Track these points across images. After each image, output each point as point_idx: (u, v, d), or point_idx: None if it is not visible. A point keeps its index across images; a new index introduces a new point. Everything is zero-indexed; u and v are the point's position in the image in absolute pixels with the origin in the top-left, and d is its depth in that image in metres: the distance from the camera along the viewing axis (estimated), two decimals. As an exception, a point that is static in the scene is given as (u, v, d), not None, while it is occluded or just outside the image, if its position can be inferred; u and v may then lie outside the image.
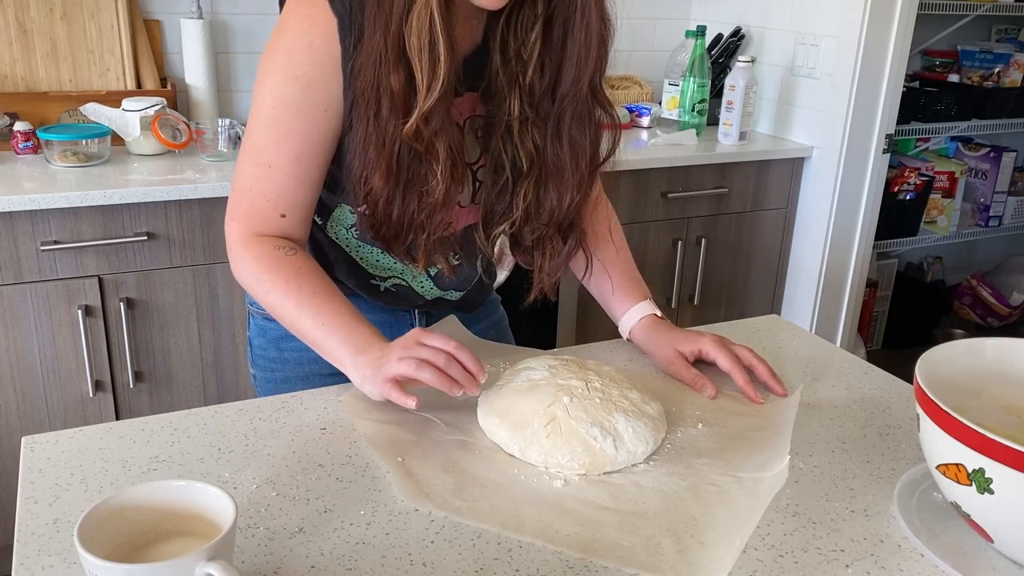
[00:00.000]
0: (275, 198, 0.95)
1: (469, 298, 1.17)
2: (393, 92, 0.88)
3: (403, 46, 0.86)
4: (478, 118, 0.99)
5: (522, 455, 0.85)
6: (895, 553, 0.74)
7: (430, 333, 0.89)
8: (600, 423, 0.85)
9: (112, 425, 0.89)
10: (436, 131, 0.89)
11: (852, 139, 2.48)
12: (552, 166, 0.98)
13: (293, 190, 0.95)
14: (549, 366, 0.93)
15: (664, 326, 1.08)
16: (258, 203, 0.96)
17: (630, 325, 1.10)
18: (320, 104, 0.92)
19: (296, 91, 0.91)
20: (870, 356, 3.01)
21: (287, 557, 0.71)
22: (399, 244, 0.98)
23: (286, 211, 0.96)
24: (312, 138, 0.93)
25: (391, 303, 1.12)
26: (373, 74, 0.88)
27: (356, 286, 1.10)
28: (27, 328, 1.82)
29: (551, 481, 0.82)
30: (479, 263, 1.12)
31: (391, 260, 1.06)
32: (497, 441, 0.87)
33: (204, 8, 2.29)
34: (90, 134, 1.97)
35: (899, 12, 2.37)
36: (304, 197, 0.97)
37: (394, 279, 1.09)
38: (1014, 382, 0.82)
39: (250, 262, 0.96)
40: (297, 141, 0.93)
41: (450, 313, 1.15)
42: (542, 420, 0.85)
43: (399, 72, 0.87)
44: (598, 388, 0.90)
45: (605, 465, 0.84)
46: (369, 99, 0.89)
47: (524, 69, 0.94)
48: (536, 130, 0.97)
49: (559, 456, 0.83)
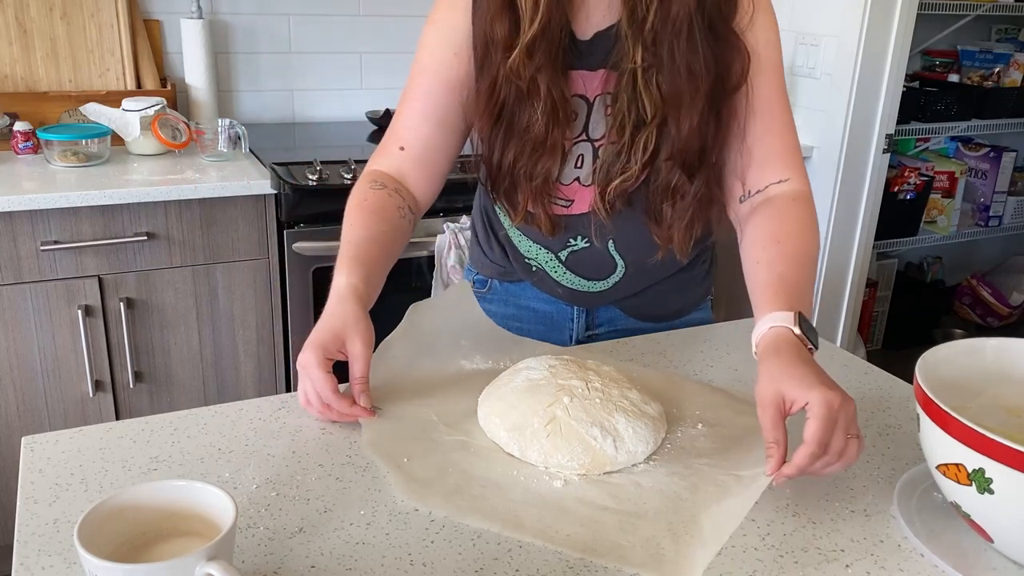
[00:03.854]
0: (399, 130, 1.03)
1: (624, 297, 1.15)
2: (498, 38, 0.94)
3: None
4: (608, 95, 1.00)
5: (522, 455, 0.85)
6: (895, 553, 0.74)
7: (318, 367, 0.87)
8: (600, 423, 0.85)
9: (112, 425, 0.89)
10: (539, 67, 0.94)
11: (852, 139, 2.47)
12: (671, 97, 0.95)
13: (416, 123, 1.02)
14: (549, 366, 0.92)
15: (789, 351, 0.83)
16: (388, 138, 1.04)
17: (758, 335, 0.87)
18: (451, 47, 0.99)
19: (432, 33, 1.01)
20: (870, 356, 3.01)
21: (287, 557, 0.71)
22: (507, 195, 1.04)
23: (405, 144, 1.02)
24: (440, 77, 1.00)
25: (541, 286, 1.18)
26: (485, 21, 0.95)
27: (515, 260, 1.17)
28: (27, 328, 1.82)
29: (551, 481, 0.82)
30: (611, 246, 1.09)
31: (529, 243, 1.12)
32: (497, 441, 0.87)
33: (204, 8, 2.29)
34: (90, 134, 1.97)
35: (899, 12, 2.36)
36: (425, 132, 1.02)
37: (534, 261, 1.14)
38: (1014, 382, 0.82)
39: (352, 192, 1.02)
40: (427, 78, 1.01)
41: (615, 315, 1.18)
42: (542, 420, 0.85)
43: (504, 20, 0.94)
44: (598, 388, 0.89)
45: (605, 465, 0.83)
46: (479, 47, 0.97)
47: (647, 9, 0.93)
48: (659, 74, 0.95)
49: (559, 456, 0.83)
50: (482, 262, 1.23)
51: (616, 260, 1.10)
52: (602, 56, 0.98)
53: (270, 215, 1.95)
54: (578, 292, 1.14)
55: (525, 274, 1.17)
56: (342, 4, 2.49)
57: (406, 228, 1.01)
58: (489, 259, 1.21)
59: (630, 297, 1.16)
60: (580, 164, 1.03)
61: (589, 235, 1.08)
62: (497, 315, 1.21)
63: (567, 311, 1.19)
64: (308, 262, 1.97)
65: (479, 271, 1.25)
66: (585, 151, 1.03)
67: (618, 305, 1.18)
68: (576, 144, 1.02)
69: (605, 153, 1.01)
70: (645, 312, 1.19)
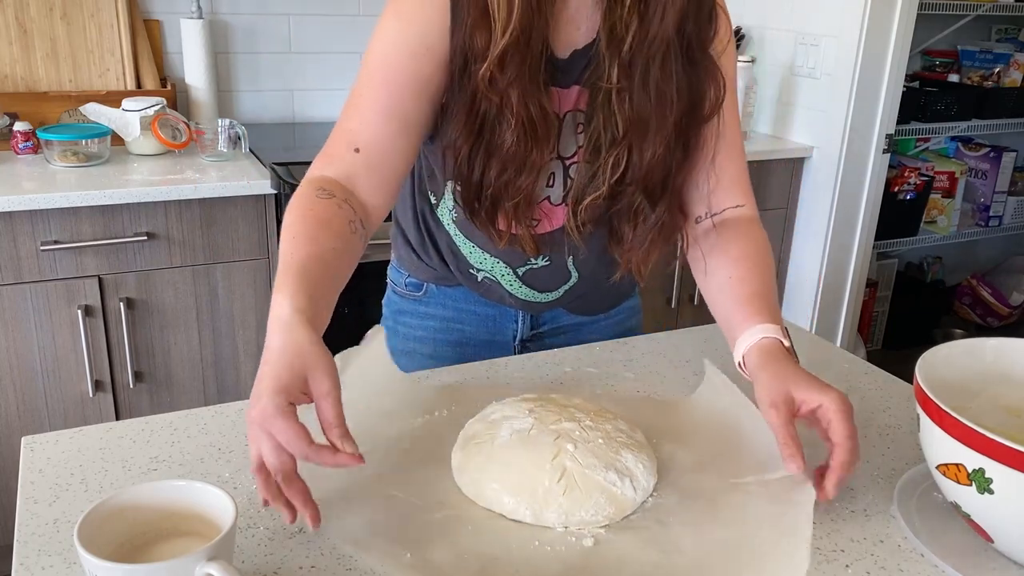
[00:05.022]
0: (354, 130, 0.91)
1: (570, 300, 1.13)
2: (477, 49, 0.87)
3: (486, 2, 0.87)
4: (579, 112, 0.97)
5: (536, 519, 0.74)
6: (895, 553, 0.74)
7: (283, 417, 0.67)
8: (613, 465, 0.77)
9: (112, 425, 0.89)
10: (511, 81, 0.87)
11: (852, 139, 2.47)
12: (638, 119, 0.92)
13: (374, 122, 0.90)
14: (529, 411, 0.82)
15: (787, 359, 0.86)
16: (337, 138, 0.92)
17: (747, 345, 0.88)
18: (422, 40, 0.90)
19: (397, 26, 0.90)
20: (870, 356, 3.01)
21: (287, 557, 0.71)
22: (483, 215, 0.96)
23: (361, 145, 0.90)
24: (408, 72, 0.90)
25: (487, 296, 1.13)
26: (465, 30, 0.88)
27: (457, 270, 1.11)
28: (27, 328, 1.82)
29: (579, 542, 0.73)
30: (570, 262, 1.08)
31: (483, 255, 1.07)
32: (497, 508, 0.76)
33: (204, 8, 2.29)
34: (90, 134, 1.97)
35: (899, 12, 2.37)
36: (385, 132, 0.91)
37: (485, 272, 1.09)
38: (1014, 382, 0.82)
39: (292, 200, 0.88)
40: (391, 72, 0.90)
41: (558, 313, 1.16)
42: (552, 476, 0.75)
43: (483, 30, 0.87)
44: (591, 426, 0.81)
45: (627, 510, 0.76)
46: (457, 58, 0.89)
47: (626, 30, 0.90)
48: (629, 96, 0.92)
49: (581, 513, 0.74)
50: (416, 266, 1.16)
51: (572, 272, 1.10)
52: (577, 74, 0.95)
53: (270, 215, 1.95)
54: (529, 302, 1.12)
55: (469, 283, 1.12)
56: (342, 4, 2.49)
57: (356, 246, 0.87)
58: (425, 263, 1.14)
59: (575, 299, 1.14)
60: (552, 183, 0.99)
61: (552, 254, 1.06)
62: (436, 318, 1.16)
63: (511, 313, 1.16)
64: (308, 262, 1.96)
65: (411, 274, 1.17)
66: (556, 169, 0.99)
67: (562, 305, 1.16)
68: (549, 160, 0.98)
69: (578, 173, 0.99)
70: (587, 308, 1.18)
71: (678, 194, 1.00)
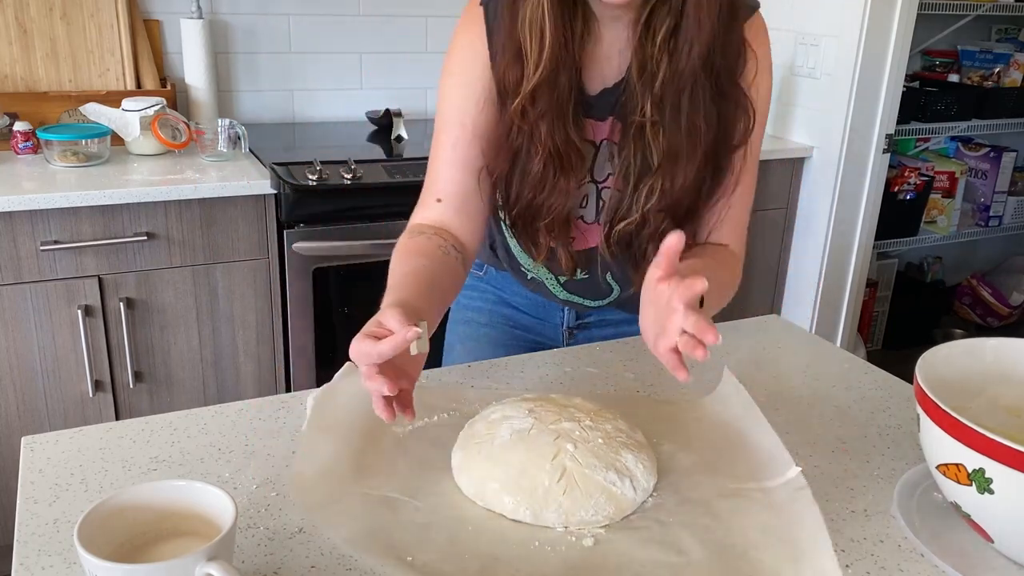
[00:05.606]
0: (434, 184, 1.04)
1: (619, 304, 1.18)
2: (510, 85, 0.97)
3: (519, 43, 0.95)
4: (614, 144, 1.02)
5: (535, 519, 0.75)
6: (895, 553, 0.74)
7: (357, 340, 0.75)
8: (613, 465, 0.77)
9: (112, 425, 0.89)
10: (542, 114, 0.96)
11: (852, 139, 2.47)
12: (671, 151, 0.97)
13: (449, 174, 1.02)
14: (528, 411, 0.83)
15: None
16: (424, 192, 1.05)
17: None
18: (472, 97, 1.00)
19: (452, 85, 1.02)
20: (870, 356, 3.01)
21: (287, 557, 0.71)
22: (521, 230, 1.06)
23: (442, 196, 1.03)
24: (466, 127, 1.01)
25: (536, 291, 1.20)
26: (500, 69, 0.98)
27: (510, 267, 1.19)
28: (27, 328, 1.82)
29: (579, 542, 0.73)
30: (609, 277, 1.13)
31: (530, 259, 1.13)
32: (497, 508, 0.77)
33: (204, 8, 2.29)
34: (90, 134, 1.97)
35: (899, 12, 2.36)
36: (460, 181, 1.02)
37: (533, 274, 1.16)
38: (1014, 382, 0.82)
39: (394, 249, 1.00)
40: (454, 129, 1.02)
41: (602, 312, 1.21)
42: (552, 475, 0.76)
43: (514, 68, 0.96)
44: (591, 426, 0.81)
45: (626, 510, 0.77)
46: (499, 93, 0.99)
47: (657, 67, 0.95)
48: (662, 128, 0.97)
49: (581, 513, 0.75)
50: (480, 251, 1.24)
51: (613, 286, 1.15)
52: (609, 108, 1.01)
53: (270, 215, 1.95)
54: (575, 303, 1.19)
55: (520, 279, 1.20)
56: (342, 4, 2.49)
57: (452, 264, 0.97)
58: (485, 249, 1.22)
59: (623, 302, 1.18)
60: (585, 204, 1.06)
61: (590, 269, 1.11)
62: (492, 293, 1.26)
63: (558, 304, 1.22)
64: (308, 262, 1.97)
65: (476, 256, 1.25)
66: (590, 191, 1.05)
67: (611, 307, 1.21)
68: (581, 185, 1.04)
69: (610, 198, 1.04)
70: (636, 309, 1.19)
71: (701, 219, 1.05)
